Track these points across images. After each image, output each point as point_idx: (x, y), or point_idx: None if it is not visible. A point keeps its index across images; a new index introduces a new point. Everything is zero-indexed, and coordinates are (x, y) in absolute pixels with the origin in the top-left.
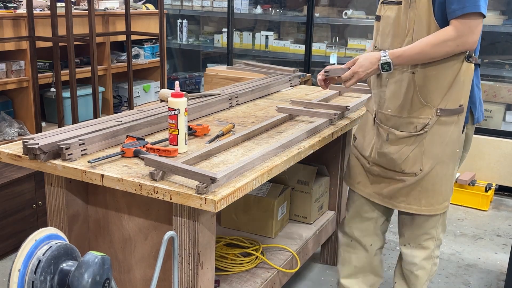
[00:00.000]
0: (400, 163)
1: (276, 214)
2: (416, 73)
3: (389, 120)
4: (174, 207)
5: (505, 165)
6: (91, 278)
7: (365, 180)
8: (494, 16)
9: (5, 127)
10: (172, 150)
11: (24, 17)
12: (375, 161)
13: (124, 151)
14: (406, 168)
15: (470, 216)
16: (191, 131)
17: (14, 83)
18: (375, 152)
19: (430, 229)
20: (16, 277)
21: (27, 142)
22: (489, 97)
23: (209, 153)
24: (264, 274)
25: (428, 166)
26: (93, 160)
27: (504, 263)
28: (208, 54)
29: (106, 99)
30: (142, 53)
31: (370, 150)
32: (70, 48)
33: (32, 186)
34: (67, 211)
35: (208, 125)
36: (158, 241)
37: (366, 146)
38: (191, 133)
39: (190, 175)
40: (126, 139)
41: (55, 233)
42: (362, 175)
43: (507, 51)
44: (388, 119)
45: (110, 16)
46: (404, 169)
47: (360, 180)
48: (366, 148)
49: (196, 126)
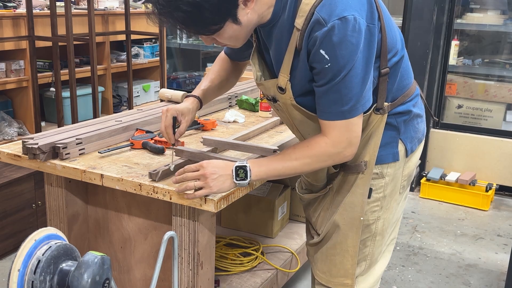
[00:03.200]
0: (314, 221)
1: (276, 214)
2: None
3: (313, 186)
4: (174, 207)
5: (505, 165)
6: (91, 278)
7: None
8: (494, 15)
9: (4, 127)
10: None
11: (23, 16)
12: (305, 215)
13: (133, 143)
14: (318, 228)
15: (470, 216)
16: (198, 126)
17: (13, 82)
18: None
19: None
20: (16, 277)
21: (27, 142)
22: (489, 97)
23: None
24: (264, 274)
25: (325, 228)
26: (103, 150)
27: (504, 263)
28: (208, 53)
29: (105, 99)
30: (142, 53)
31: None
32: (69, 47)
33: (32, 186)
34: (66, 211)
35: (215, 120)
36: (158, 241)
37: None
38: (198, 128)
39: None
40: (135, 132)
41: (54, 233)
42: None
43: (507, 50)
44: (311, 185)
45: (110, 16)
46: (317, 228)
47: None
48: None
49: (204, 121)
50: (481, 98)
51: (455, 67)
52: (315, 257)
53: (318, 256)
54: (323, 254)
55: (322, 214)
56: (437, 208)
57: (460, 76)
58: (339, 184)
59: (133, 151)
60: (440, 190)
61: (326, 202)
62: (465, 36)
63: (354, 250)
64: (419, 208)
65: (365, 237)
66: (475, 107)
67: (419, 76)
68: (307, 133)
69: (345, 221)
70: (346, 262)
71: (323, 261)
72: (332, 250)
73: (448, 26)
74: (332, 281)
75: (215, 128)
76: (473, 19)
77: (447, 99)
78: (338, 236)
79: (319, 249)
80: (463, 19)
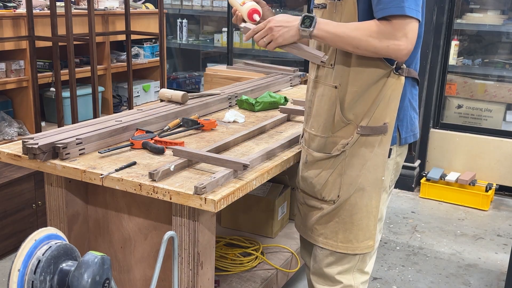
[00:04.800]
0: (319, 188)
1: (276, 214)
2: (338, 88)
3: (313, 140)
4: (174, 207)
5: (505, 165)
6: (91, 278)
7: (297, 211)
8: (494, 15)
9: (4, 126)
10: (179, 142)
11: (23, 16)
12: (300, 187)
13: (133, 143)
14: (326, 195)
15: (470, 216)
16: (198, 126)
17: (13, 82)
18: (299, 176)
19: (342, 274)
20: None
21: (27, 142)
22: (489, 97)
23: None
24: (264, 274)
25: (346, 193)
26: (103, 150)
27: (504, 263)
28: (208, 53)
29: (105, 99)
30: (142, 53)
31: (297, 175)
32: (69, 47)
33: (32, 186)
34: (66, 211)
35: (215, 120)
36: (158, 241)
37: (297, 171)
38: (198, 128)
39: (222, 163)
40: (135, 132)
41: (54, 233)
42: (296, 206)
43: (507, 50)
44: (312, 139)
45: (110, 16)
46: (324, 196)
47: (296, 212)
48: (297, 173)
49: (204, 121)
50: (481, 98)
51: (455, 67)
52: (332, 229)
53: (338, 226)
54: (345, 222)
55: (331, 179)
56: (437, 208)
57: (460, 76)
58: (357, 147)
59: (133, 151)
60: (440, 190)
61: (338, 167)
62: (465, 36)
63: (377, 210)
64: (419, 208)
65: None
66: (475, 107)
67: (419, 76)
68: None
69: (369, 183)
70: (371, 223)
71: (346, 230)
72: (358, 215)
73: (448, 26)
74: (359, 247)
75: (215, 128)
76: (473, 19)
77: (447, 99)
78: (363, 198)
79: (335, 218)
80: (463, 19)
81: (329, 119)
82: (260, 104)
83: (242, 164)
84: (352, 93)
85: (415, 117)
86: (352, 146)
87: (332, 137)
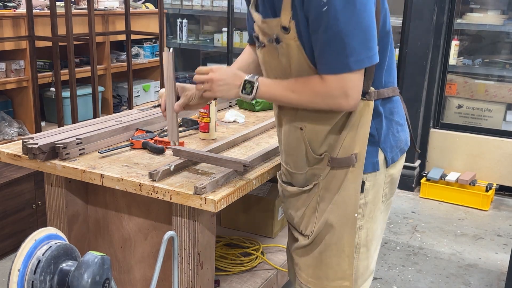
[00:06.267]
0: (298, 221)
1: (276, 214)
2: (304, 129)
3: (292, 176)
4: (174, 207)
5: (505, 165)
6: (91, 278)
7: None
8: (495, 15)
9: (4, 126)
10: (179, 142)
11: (23, 16)
12: (286, 217)
13: (133, 143)
14: (303, 229)
15: (470, 216)
16: (198, 126)
17: (13, 82)
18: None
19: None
20: (16, 277)
21: (27, 141)
22: (489, 97)
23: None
24: (264, 274)
25: (318, 229)
26: (103, 150)
27: (504, 263)
28: (208, 53)
29: (105, 99)
30: (142, 53)
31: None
32: (69, 47)
33: (32, 186)
34: (66, 211)
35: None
36: (158, 241)
37: None
38: (197, 128)
39: (222, 163)
40: (135, 132)
41: (54, 233)
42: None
43: (507, 50)
44: (291, 175)
45: (110, 16)
46: (302, 229)
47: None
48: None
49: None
50: (481, 98)
51: (455, 67)
52: (304, 263)
53: (309, 261)
54: (315, 258)
55: (308, 213)
56: (437, 208)
57: (460, 76)
58: (328, 180)
59: (133, 151)
60: (440, 190)
61: (312, 201)
62: (465, 36)
63: (350, 250)
64: (419, 208)
65: None
66: (475, 107)
67: (419, 76)
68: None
69: (338, 220)
70: (343, 263)
71: (316, 266)
72: (327, 252)
73: (448, 26)
74: (330, 285)
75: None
76: (473, 19)
77: (447, 99)
78: (332, 236)
79: (309, 252)
80: (463, 19)
81: (301, 157)
82: (260, 104)
83: (242, 164)
84: (319, 132)
85: (400, 129)
86: (324, 179)
87: (311, 169)
